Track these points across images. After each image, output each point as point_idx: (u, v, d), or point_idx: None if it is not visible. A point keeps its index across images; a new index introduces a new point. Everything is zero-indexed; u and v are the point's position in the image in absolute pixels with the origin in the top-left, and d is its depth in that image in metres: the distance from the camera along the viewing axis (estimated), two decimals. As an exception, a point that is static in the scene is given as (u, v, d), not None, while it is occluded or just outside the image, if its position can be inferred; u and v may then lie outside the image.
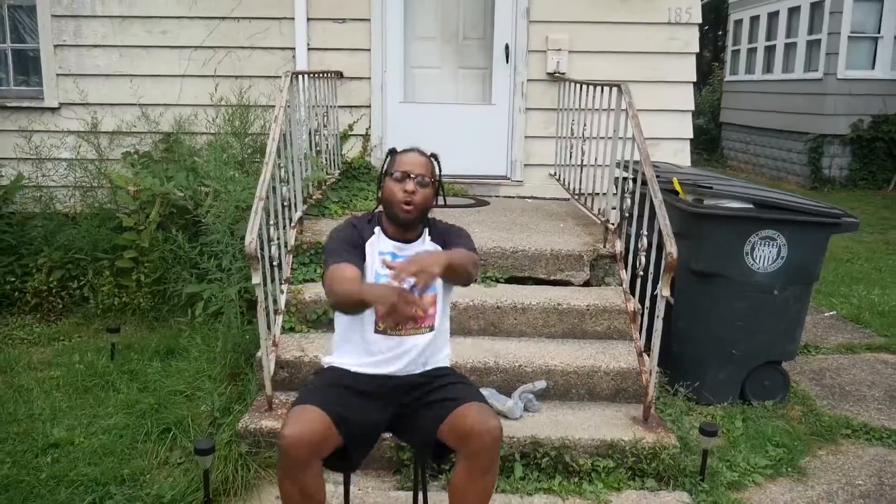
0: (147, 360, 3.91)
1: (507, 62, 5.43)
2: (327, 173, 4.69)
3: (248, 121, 4.85)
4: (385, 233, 2.43)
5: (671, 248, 3.00)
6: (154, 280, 4.43)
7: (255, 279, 2.97)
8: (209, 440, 2.79)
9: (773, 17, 12.68)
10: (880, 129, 10.75)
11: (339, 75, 5.29)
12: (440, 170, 2.45)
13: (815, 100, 11.09)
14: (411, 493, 2.64)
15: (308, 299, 3.65)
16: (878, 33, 10.77)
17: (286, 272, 3.67)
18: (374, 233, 2.43)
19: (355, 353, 2.39)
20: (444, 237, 2.47)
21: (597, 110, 4.23)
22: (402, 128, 5.43)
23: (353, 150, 5.37)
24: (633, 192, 3.71)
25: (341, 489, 2.54)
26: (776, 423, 3.50)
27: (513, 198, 5.48)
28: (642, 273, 3.43)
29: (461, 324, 3.61)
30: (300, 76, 4.29)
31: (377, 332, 2.36)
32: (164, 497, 2.75)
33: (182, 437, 3.13)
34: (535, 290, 3.83)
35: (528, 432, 3.01)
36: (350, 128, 5.35)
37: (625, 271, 3.77)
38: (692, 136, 5.50)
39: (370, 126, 5.43)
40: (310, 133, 4.42)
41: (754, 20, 13.42)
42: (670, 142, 5.38)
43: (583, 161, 4.49)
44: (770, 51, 12.73)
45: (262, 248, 3.11)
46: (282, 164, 3.64)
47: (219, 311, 3.86)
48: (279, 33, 5.29)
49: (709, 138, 15.14)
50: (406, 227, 2.40)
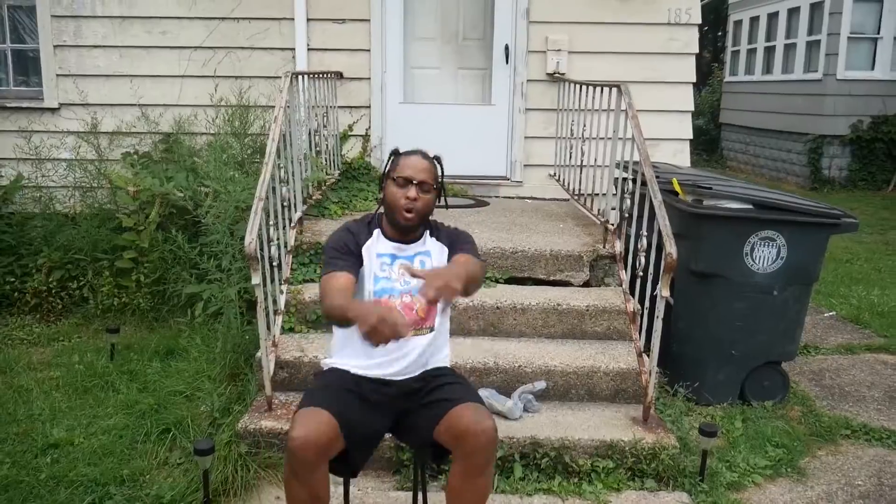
0: (147, 361, 3.91)
1: (507, 63, 5.43)
2: (327, 174, 4.69)
3: (248, 121, 4.85)
4: (384, 234, 2.43)
5: (671, 248, 3.00)
6: (154, 280, 4.43)
7: (255, 279, 2.97)
8: (209, 440, 2.79)
9: (772, 17, 12.69)
10: (880, 129, 10.76)
11: (339, 76, 5.29)
12: (443, 173, 2.44)
13: (814, 100, 11.10)
14: (411, 494, 2.64)
15: (308, 300, 3.65)
16: (878, 34, 10.78)
17: (286, 272, 3.67)
18: (373, 234, 2.42)
19: (356, 356, 2.38)
20: (450, 240, 2.46)
21: (596, 111, 4.23)
22: (401, 128, 5.43)
23: (352, 150, 5.37)
24: (632, 193, 3.71)
25: (341, 489, 2.54)
26: (776, 424, 3.50)
27: (512, 198, 5.48)
28: (642, 273, 3.43)
29: (461, 324, 3.61)
30: (300, 77, 4.29)
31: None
32: (164, 497, 2.75)
33: (182, 437, 3.13)
34: (535, 291, 3.83)
35: (527, 433, 3.01)
36: (350, 128, 5.36)
37: (624, 272, 3.77)
38: (692, 137, 5.50)
39: (370, 126, 5.43)
40: (309, 133, 4.42)
41: (754, 21, 13.43)
42: (670, 142, 5.38)
43: (582, 161, 4.49)
44: (770, 51, 12.74)
45: (261, 249, 3.11)
46: (281, 165, 3.64)
47: (218, 311, 3.86)
48: (279, 34, 5.29)
49: (708, 139, 15.16)
50: (407, 231, 2.41)
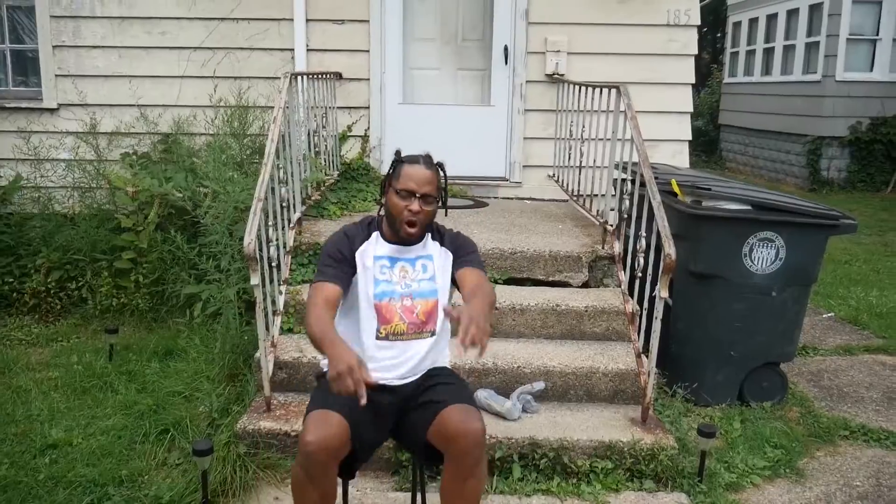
0: (145, 361, 3.91)
1: (506, 63, 5.43)
2: (326, 174, 4.69)
3: (247, 122, 4.85)
4: (384, 236, 2.42)
5: (669, 249, 3.00)
6: (152, 281, 4.43)
7: (254, 280, 2.97)
8: (207, 441, 2.79)
9: (771, 19, 12.69)
10: (879, 131, 10.76)
11: (338, 76, 5.29)
12: (446, 180, 2.43)
13: (813, 102, 11.11)
14: (409, 494, 2.64)
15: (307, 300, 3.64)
16: (877, 35, 10.79)
17: (285, 273, 3.67)
18: (372, 237, 2.41)
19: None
20: (454, 246, 2.45)
21: (595, 112, 4.23)
22: (401, 129, 5.44)
23: (351, 150, 5.37)
24: (631, 194, 3.71)
25: (340, 489, 2.53)
26: (774, 425, 3.50)
27: (511, 199, 5.49)
28: (641, 274, 3.43)
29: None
30: (299, 77, 4.29)
31: (379, 338, 2.35)
32: (163, 498, 2.75)
33: (180, 437, 3.13)
34: (534, 292, 3.83)
35: (526, 433, 3.01)
36: (349, 129, 5.35)
37: (623, 272, 3.77)
38: (691, 138, 5.50)
39: (369, 127, 5.43)
40: (309, 134, 4.42)
41: (753, 22, 13.44)
42: (669, 143, 5.38)
43: (581, 162, 4.49)
44: (769, 53, 12.75)
45: (260, 249, 3.11)
46: (280, 165, 3.64)
47: (217, 311, 3.86)
48: (278, 34, 5.29)
49: (707, 140, 15.16)
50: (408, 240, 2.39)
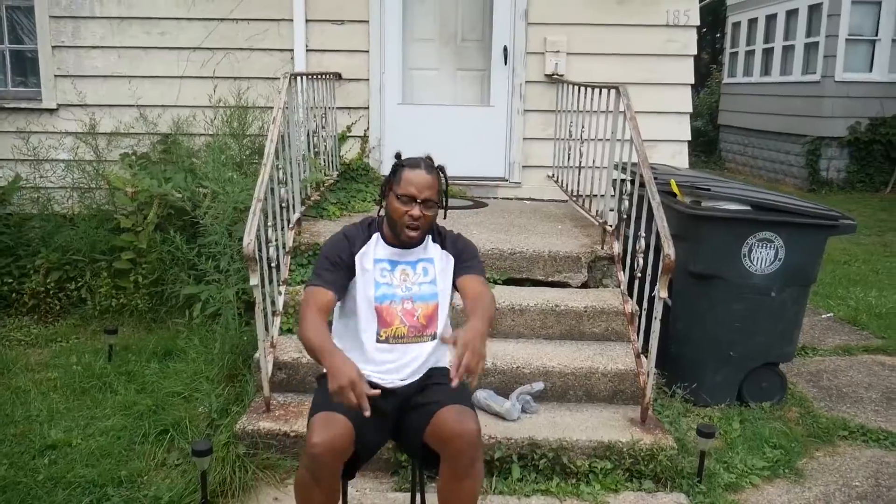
0: (145, 362, 3.91)
1: (506, 64, 5.44)
2: (325, 174, 4.69)
3: (247, 122, 4.85)
4: (384, 238, 2.41)
5: (669, 249, 3.00)
6: (152, 281, 4.43)
7: (254, 280, 2.97)
8: (207, 441, 2.78)
9: (770, 19, 12.70)
10: (878, 131, 10.77)
11: (338, 77, 5.29)
12: (447, 183, 2.43)
13: (812, 102, 11.11)
14: (409, 495, 2.64)
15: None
16: (876, 36, 10.80)
17: (284, 273, 3.67)
18: (373, 238, 2.41)
19: (358, 361, 2.36)
20: (455, 250, 2.45)
21: (595, 112, 4.24)
22: (400, 129, 5.44)
23: (351, 151, 5.37)
24: (630, 194, 3.71)
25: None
26: (773, 425, 3.50)
27: (511, 199, 5.49)
28: (640, 275, 3.43)
29: (459, 325, 3.60)
30: (298, 77, 4.29)
31: (379, 342, 2.35)
32: (162, 498, 2.74)
33: (180, 438, 3.12)
34: (533, 292, 3.83)
35: (525, 434, 3.01)
36: (348, 129, 5.36)
37: (623, 273, 3.77)
38: (690, 139, 5.50)
39: (368, 127, 5.43)
40: (308, 134, 4.42)
41: (752, 22, 13.45)
42: (668, 144, 5.39)
43: (581, 163, 4.49)
44: (768, 53, 12.75)
45: (260, 250, 3.11)
46: (280, 166, 3.64)
47: (217, 312, 3.86)
48: (278, 35, 5.29)
49: (707, 140, 15.17)
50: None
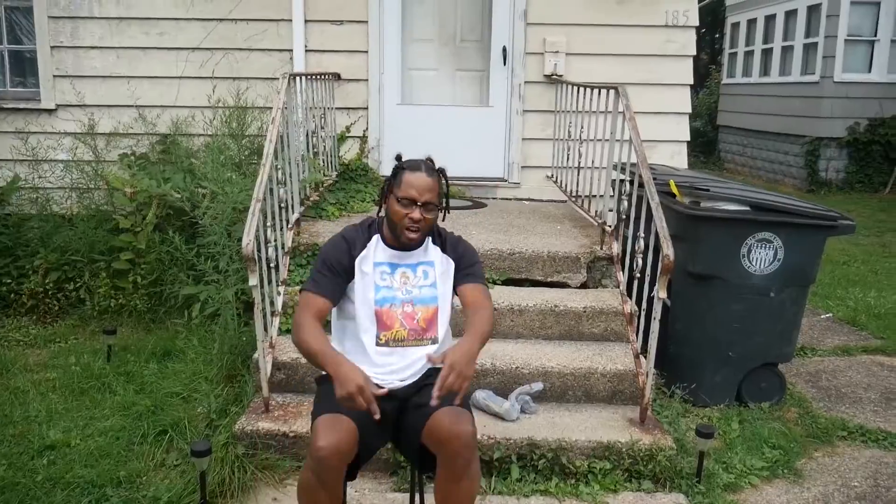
0: (143, 362, 3.91)
1: (505, 64, 5.44)
2: (324, 175, 4.69)
3: (246, 122, 4.85)
4: (384, 240, 2.40)
5: (668, 250, 3.00)
6: (151, 282, 4.43)
7: (252, 281, 2.97)
8: (206, 442, 2.78)
9: (769, 20, 12.71)
10: (877, 132, 10.77)
11: (337, 77, 5.29)
12: (448, 185, 2.42)
13: (811, 103, 11.12)
14: (408, 495, 2.63)
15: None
16: (875, 37, 10.80)
17: (283, 274, 3.67)
18: (373, 240, 2.40)
19: (359, 363, 2.35)
20: (456, 255, 2.45)
21: (594, 112, 4.24)
22: (399, 130, 5.44)
23: (350, 151, 5.37)
24: (629, 195, 3.71)
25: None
26: (772, 425, 3.50)
27: (510, 200, 5.49)
28: (639, 275, 3.43)
29: (458, 325, 3.60)
30: (298, 78, 4.29)
31: (379, 345, 2.34)
32: (161, 499, 2.74)
33: (178, 438, 3.12)
34: (532, 292, 3.83)
35: (524, 434, 3.01)
36: (347, 129, 5.36)
37: (622, 273, 3.77)
38: (689, 139, 5.51)
39: (367, 128, 5.43)
40: (307, 135, 4.42)
41: (751, 23, 13.46)
42: (667, 144, 5.39)
43: (580, 163, 4.49)
44: (767, 54, 12.76)
45: (259, 250, 3.11)
46: (279, 166, 3.64)
47: (215, 312, 3.86)
48: (277, 35, 5.29)
49: (706, 141, 15.17)
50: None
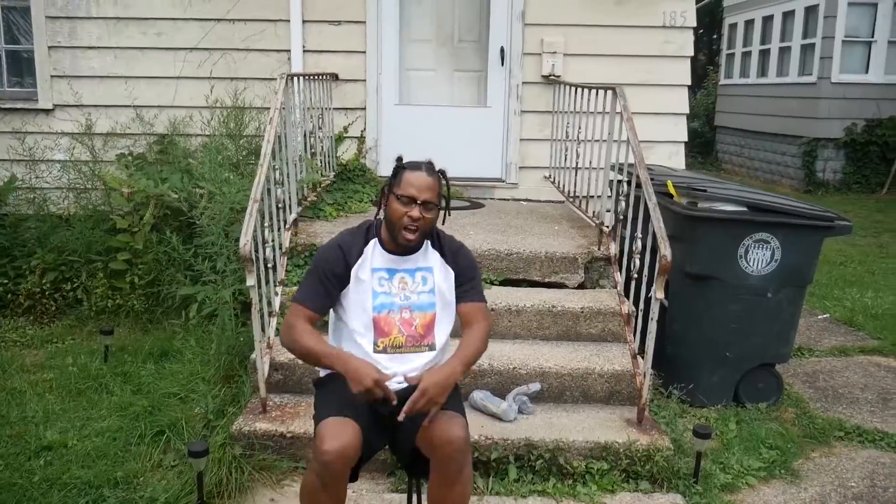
0: (141, 363, 3.90)
1: (503, 65, 5.44)
2: (322, 175, 4.69)
3: (243, 123, 4.85)
4: (382, 244, 2.39)
5: (665, 250, 3.00)
6: (148, 282, 4.42)
7: (250, 281, 2.97)
8: (203, 442, 2.78)
9: (767, 20, 12.72)
10: (874, 133, 10.79)
11: (335, 77, 5.29)
12: (448, 187, 2.41)
13: (809, 103, 11.13)
14: (405, 496, 2.63)
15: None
16: (872, 38, 10.82)
17: (280, 274, 3.66)
18: (370, 244, 2.38)
19: None
20: (456, 265, 2.43)
21: (591, 113, 4.24)
22: (397, 130, 5.44)
23: (347, 152, 5.37)
24: (627, 195, 3.72)
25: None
26: (770, 426, 3.51)
27: (507, 200, 5.49)
28: (636, 275, 3.44)
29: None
30: (295, 78, 4.29)
31: (376, 351, 2.33)
32: (158, 500, 2.74)
33: (176, 439, 3.12)
34: (530, 293, 3.83)
35: (522, 434, 3.01)
36: (345, 130, 5.36)
37: (619, 274, 3.77)
38: (687, 140, 5.51)
39: (365, 128, 5.43)
40: (305, 135, 4.42)
41: (749, 24, 13.47)
42: (665, 145, 5.39)
43: (577, 164, 4.50)
44: (764, 54, 12.78)
45: (256, 250, 3.11)
46: (277, 166, 3.64)
47: (213, 313, 3.85)
48: (275, 35, 5.28)
49: (703, 141, 15.19)
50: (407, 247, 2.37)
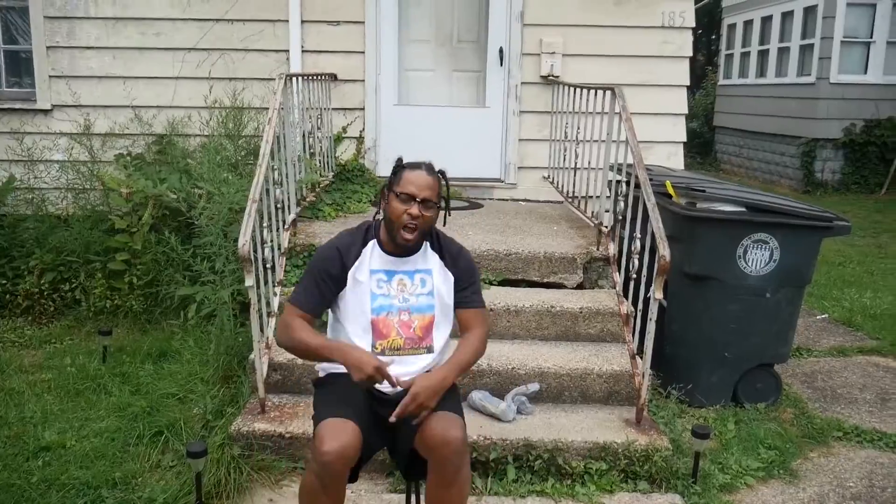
0: (139, 363, 3.90)
1: (501, 65, 5.44)
2: (321, 175, 4.69)
3: (242, 123, 4.84)
4: (381, 245, 2.38)
5: (664, 251, 3.00)
6: (146, 282, 4.42)
7: (249, 281, 2.96)
8: (201, 443, 2.77)
9: (766, 21, 12.73)
10: (872, 133, 10.80)
11: (333, 77, 5.29)
12: (448, 188, 2.41)
13: (807, 104, 11.14)
14: (404, 496, 2.63)
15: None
16: (871, 38, 10.83)
17: (279, 274, 3.66)
18: (368, 245, 2.37)
19: None
20: (456, 269, 2.42)
21: (590, 113, 4.24)
22: (396, 130, 5.44)
23: (346, 152, 5.37)
24: (626, 195, 3.72)
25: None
26: (768, 426, 3.51)
27: (506, 200, 5.49)
28: (635, 276, 3.44)
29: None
30: (294, 78, 4.29)
31: (374, 354, 2.31)
32: (156, 500, 2.74)
33: (174, 439, 3.12)
34: (529, 293, 3.83)
35: (520, 435, 3.01)
36: (344, 130, 5.36)
37: (618, 274, 3.78)
38: (685, 140, 5.52)
39: (364, 128, 5.43)
40: (303, 135, 4.42)
41: (748, 24, 13.48)
42: (664, 145, 5.40)
43: (576, 164, 4.50)
44: (763, 55, 12.79)
45: (255, 251, 3.11)
46: (275, 167, 3.63)
47: (211, 313, 3.85)
48: (273, 35, 5.28)
49: (702, 142, 15.20)
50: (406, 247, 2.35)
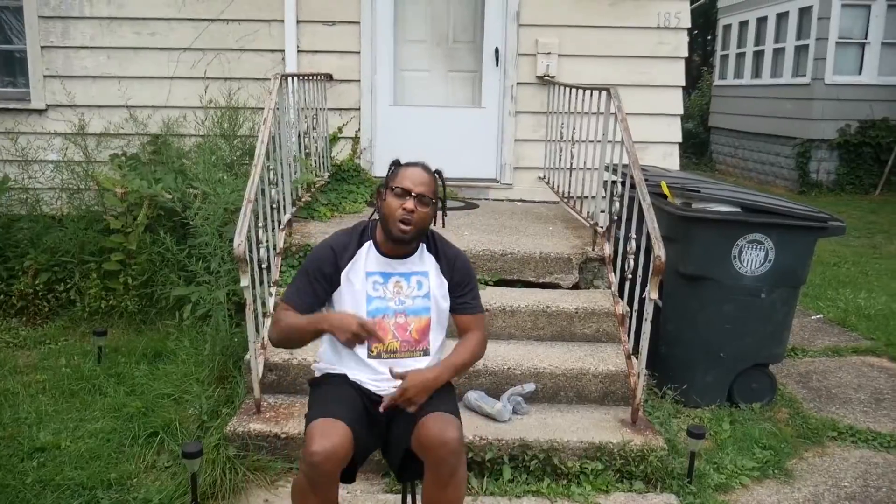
0: (134, 364, 3.89)
1: (497, 65, 5.44)
2: (316, 175, 4.69)
3: (237, 123, 4.83)
4: (377, 246, 2.37)
5: (659, 251, 3.01)
6: (141, 283, 4.41)
7: (244, 282, 2.96)
8: (197, 443, 2.77)
9: (761, 22, 12.77)
10: (867, 134, 10.84)
11: (329, 77, 5.28)
12: (444, 188, 2.41)
13: (802, 104, 11.18)
14: (399, 496, 2.63)
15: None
16: (866, 39, 10.87)
17: (275, 275, 3.66)
18: (364, 246, 2.36)
19: (353, 368, 2.35)
20: (451, 273, 2.42)
21: (586, 114, 4.24)
22: (392, 130, 5.44)
23: (342, 152, 5.36)
24: (621, 196, 3.72)
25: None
26: (763, 426, 3.52)
27: (502, 200, 5.49)
28: (631, 276, 3.44)
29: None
30: (289, 78, 4.29)
31: (370, 357, 2.33)
32: (152, 501, 2.73)
33: (169, 440, 3.11)
34: (524, 293, 3.84)
35: (516, 435, 3.01)
36: (339, 130, 5.35)
37: (613, 274, 3.78)
38: (681, 140, 5.53)
39: (360, 128, 5.43)
40: (299, 135, 4.42)
41: (743, 25, 13.52)
42: (659, 145, 5.41)
43: (572, 164, 4.50)
44: (759, 56, 12.82)
45: (250, 251, 3.10)
46: (271, 167, 3.63)
47: (207, 313, 3.84)
48: (269, 35, 5.28)
49: (698, 142, 15.24)
50: (401, 243, 2.33)
